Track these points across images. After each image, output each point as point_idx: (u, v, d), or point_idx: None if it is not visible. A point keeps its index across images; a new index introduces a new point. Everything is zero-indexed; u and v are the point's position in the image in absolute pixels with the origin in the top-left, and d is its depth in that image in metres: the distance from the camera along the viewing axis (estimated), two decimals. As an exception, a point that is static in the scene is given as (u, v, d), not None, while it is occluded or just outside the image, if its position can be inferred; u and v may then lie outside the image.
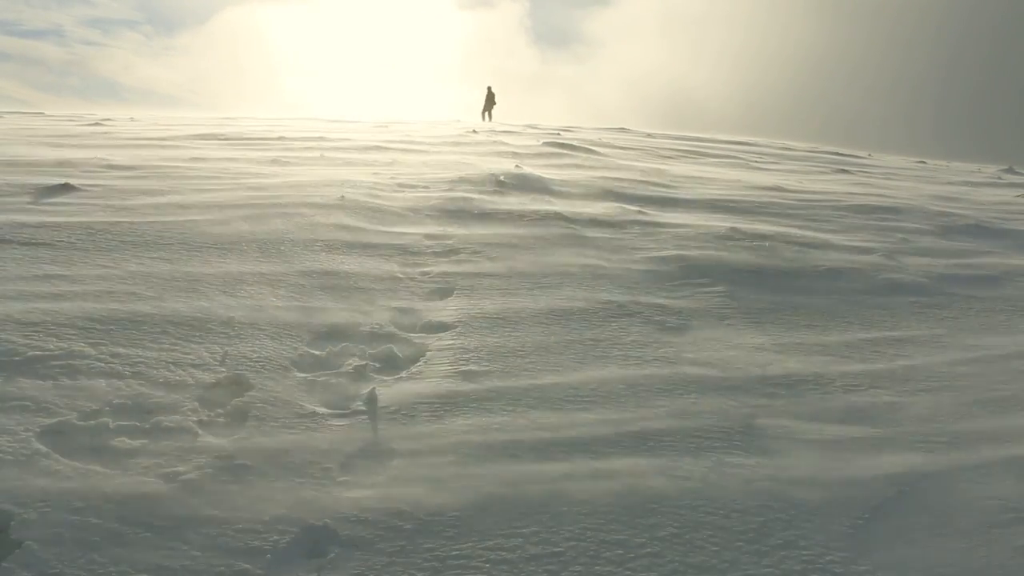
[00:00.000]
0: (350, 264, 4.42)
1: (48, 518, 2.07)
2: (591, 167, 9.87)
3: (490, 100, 23.98)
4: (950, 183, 12.51)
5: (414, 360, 3.27)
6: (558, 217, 6.08)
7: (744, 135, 22.06)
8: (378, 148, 10.36)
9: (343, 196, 6.05)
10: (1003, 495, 2.52)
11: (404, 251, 4.86)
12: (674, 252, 5.25)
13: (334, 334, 3.46)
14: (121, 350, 3.00)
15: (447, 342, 3.46)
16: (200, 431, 2.54)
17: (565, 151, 11.44)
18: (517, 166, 8.79)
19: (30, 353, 2.87)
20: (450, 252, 4.92)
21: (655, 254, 5.20)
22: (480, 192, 6.92)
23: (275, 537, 2.09)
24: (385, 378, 3.08)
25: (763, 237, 5.81)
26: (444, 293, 4.14)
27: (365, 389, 2.95)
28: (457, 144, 11.69)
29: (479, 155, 10.30)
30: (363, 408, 2.82)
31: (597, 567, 2.07)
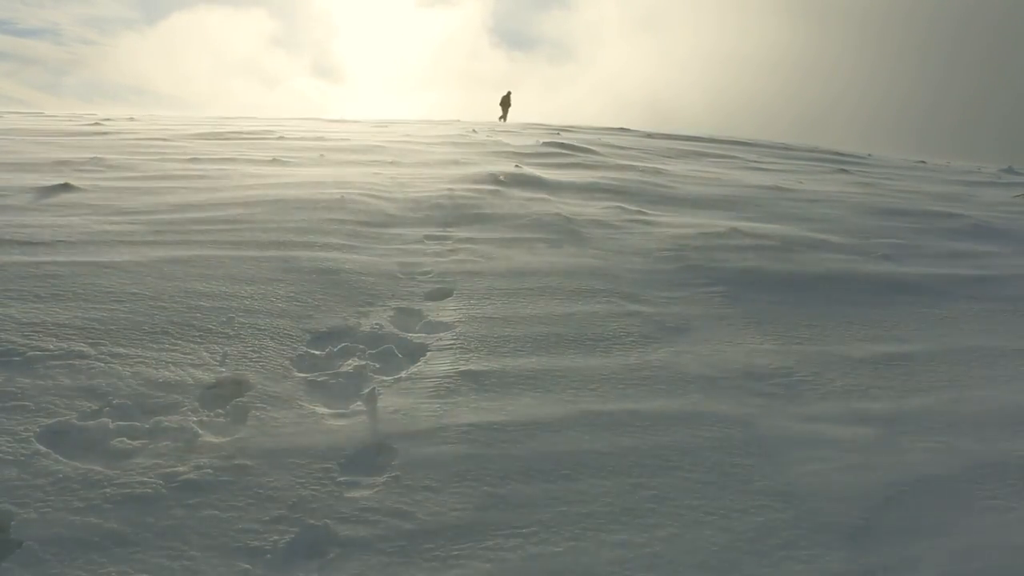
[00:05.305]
0: (350, 264, 4.42)
1: (48, 518, 2.06)
2: (591, 167, 9.87)
3: (506, 103, 25.30)
4: (950, 183, 12.51)
5: (414, 360, 3.27)
6: (558, 217, 6.08)
7: (739, 136, 22.08)
8: (378, 148, 10.37)
9: (343, 196, 6.05)
10: (1003, 495, 2.53)
11: (404, 251, 4.86)
12: (674, 252, 5.25)
13: (334, 334, 3.46)
14: (121, 350, 3.00)
15: (447, 342, 3.46)
16: (200, 431, 2.54)
17: (564, 151, 11.44)
18: (517, 166, 8.79)
19: (30, 353, 2.87)
20: (450, 252, 4.91)
21: (655, 254, 5.20)
22: (480, 192, 6.92)
23: (275, 537, 2.09)
24: (385, 378, 3.08)
25: (763, 237, 5.81)
26: (444, 293, 4.14)
27: (365, 389, 2.95)
28: (457, 144, 11.69)
29: (479, 155, 10.31)
30: (363, 408, 2.82)
31: (597, 567, 2.07)
